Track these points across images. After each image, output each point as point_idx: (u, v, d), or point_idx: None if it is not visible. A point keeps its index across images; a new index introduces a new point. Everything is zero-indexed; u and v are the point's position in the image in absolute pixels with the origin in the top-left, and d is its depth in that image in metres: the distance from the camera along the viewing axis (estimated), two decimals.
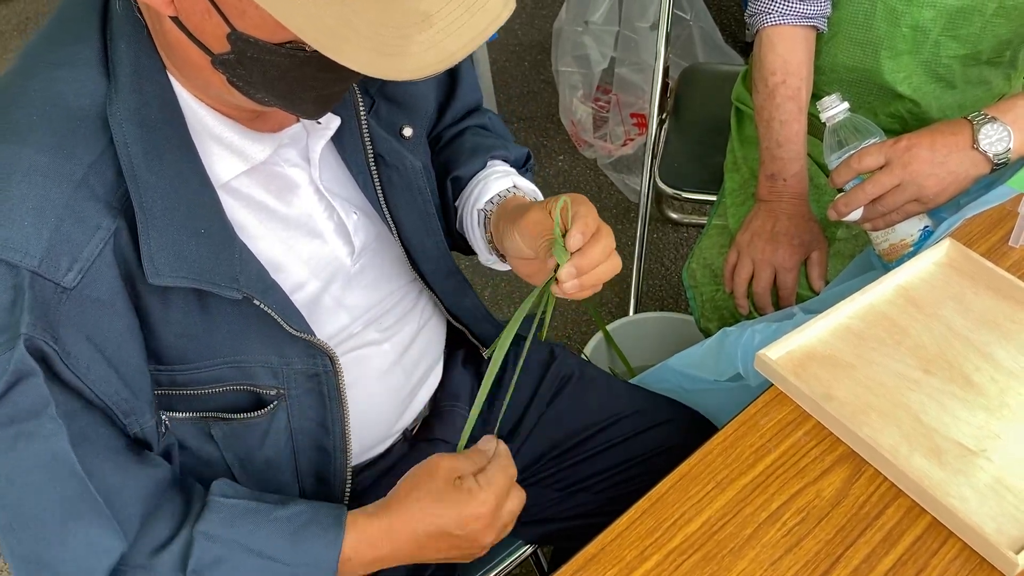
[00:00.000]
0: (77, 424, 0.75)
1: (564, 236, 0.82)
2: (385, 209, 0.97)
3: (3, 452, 0.73)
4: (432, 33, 0.63)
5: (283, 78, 0.72)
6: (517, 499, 0.90)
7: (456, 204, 1.06)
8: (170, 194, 0.76)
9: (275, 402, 0.90)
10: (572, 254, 0.82)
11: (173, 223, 0.76)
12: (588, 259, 0.82)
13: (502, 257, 1.02)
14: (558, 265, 0.82)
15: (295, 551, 0.82)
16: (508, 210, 0.96)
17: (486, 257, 1.04)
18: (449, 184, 1.05)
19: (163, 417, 0.85)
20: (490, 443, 0.91)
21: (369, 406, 1.01)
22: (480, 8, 0.64)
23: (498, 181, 1.02)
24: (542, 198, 1.03)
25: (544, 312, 0.91)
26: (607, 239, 0.84)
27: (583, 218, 0.83)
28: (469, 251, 1.09)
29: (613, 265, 0.85)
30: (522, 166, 1.10)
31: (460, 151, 1.07)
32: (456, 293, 1.08)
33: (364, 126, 0.93)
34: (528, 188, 1.03)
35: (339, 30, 0.61)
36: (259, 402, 0.90)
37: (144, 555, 0.79)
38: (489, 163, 1.06)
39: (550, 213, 0.84)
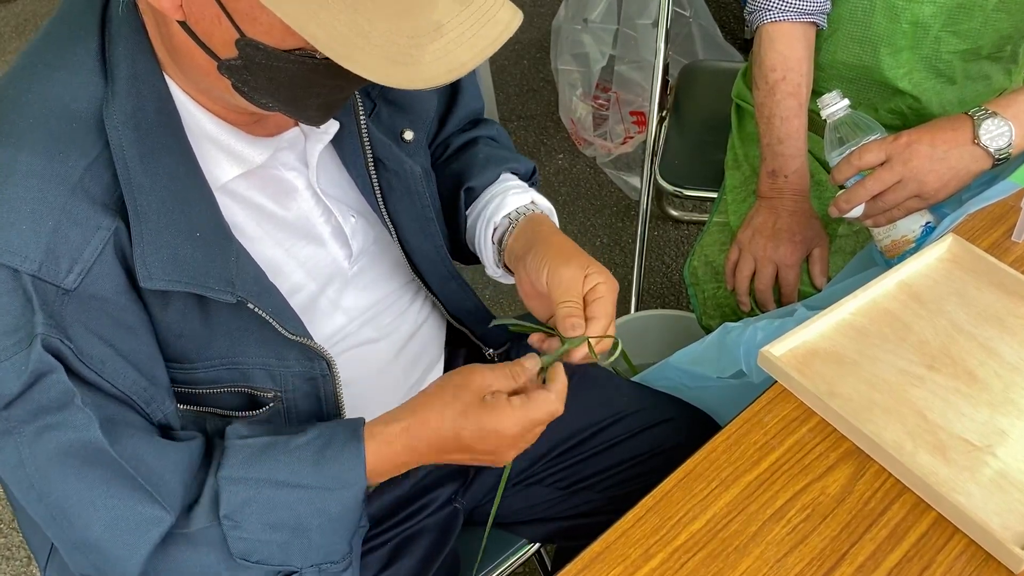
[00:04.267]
0: (105, 412, 0.76)
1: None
2: (385, 213, 0.97)
3: (28, 446, 0.74)
4: (444, 43, 0.63)
5: (290, 84, 0.72)
6: (551, 420, 0.86)
7: (467, 214, 1.06)
8: (166, 197, 0.76)
9: (272, 403, 0.90)
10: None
11: (168, 226, 0.76)
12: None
13: (509, 271, 1.02)
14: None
15: (321, 474, 0.81)
16: (540, 234, 0.96)
17: (493, 270, 1.04)
18: (462, 195, 1.04)
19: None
20: (531, 360, 0.87)
21: (367, 403, 1.00)
22: (490, 19, 0.65)
23: (515, 196, 1.01)
24: (556, 217, 1.04)
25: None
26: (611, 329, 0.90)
27: (600, 319, 0.88)
28: (469, 261, 1.09)
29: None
30: (528, 179, 1.10)
31: (473, 162, 1.07)
32: (457, 296, 1.08)
33: (364, 130, 0.92)
34: (545, 205, 1.03)
35: (352, 38, 0.61)
36: (256, 403, 0.90)
37: (180, 517, 0.79)
38: (503, 176, 1.06)
39: (585, 278, 0.88)
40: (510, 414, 0.81)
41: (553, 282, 0.89)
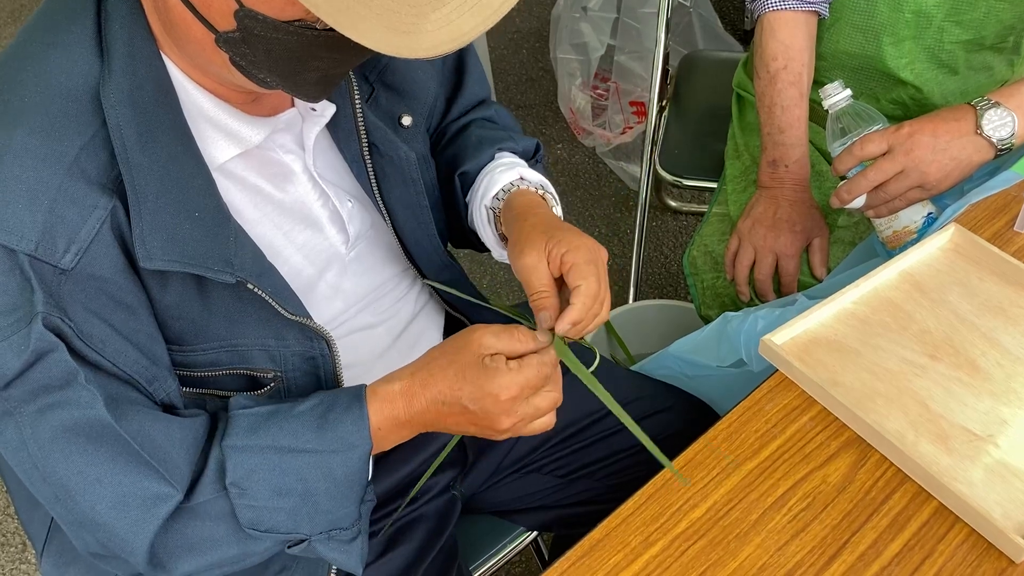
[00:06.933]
0: (109, 391, 0.75)
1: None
2: (379, 198, 0.96)
3: (30, 426, 0.73)
4: (446, 12, 0.63)
5: (289, 58, 0.71)
6: (550, 399, 0.83)
7: (466, 200, 1.04)
8: (163, 176, 0.76)
9: (272, 384, 0.89)
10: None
11: (167, 206, 0.76)
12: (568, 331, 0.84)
13: None
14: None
15: (325, 437, 0.80)
16: (514, 211, 0.94)
17: (499, 253, 1.02)
18: (458, 180, 1.03)
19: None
20: (543, 335, 0.83)
21: None
22: None
23: (503, 174, 0.99)
24: (552, 190, 1.01)
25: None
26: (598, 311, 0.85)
27: (581, 288, 0.83)
28: (481, 247, 1.07)
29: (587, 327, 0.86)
30: (531, 157, 1.07)
31: (466, 145, 1.05)
32: (452, 285, 1.07)
33: (359, 114, 0.91)
34: (535, 179, 1.00)
35: (354, 7, 0.61)
36: (256, 384, 0.89)
37: (185, 491, 0.78)
38: (496, 155, 1.03)
39: (549, 259, 0.84)
40: (505, 375, 0.79)
41: (520, 276, 0.87)
